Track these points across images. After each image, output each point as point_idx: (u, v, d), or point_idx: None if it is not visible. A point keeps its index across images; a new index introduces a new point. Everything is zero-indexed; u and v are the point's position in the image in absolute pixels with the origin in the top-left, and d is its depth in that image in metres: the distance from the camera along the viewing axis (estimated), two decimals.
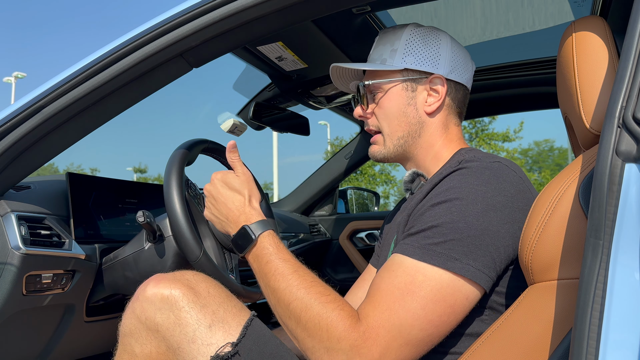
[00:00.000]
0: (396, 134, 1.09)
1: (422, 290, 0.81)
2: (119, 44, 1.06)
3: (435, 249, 0.83)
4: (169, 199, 1.19)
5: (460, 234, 0.83)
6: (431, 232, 0.85)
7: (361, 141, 2.56)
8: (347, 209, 3.09)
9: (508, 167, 0.92)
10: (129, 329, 0.95)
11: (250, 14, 1.00)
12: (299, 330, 0.85)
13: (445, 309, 0.81)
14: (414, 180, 1.09)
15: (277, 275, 0.90)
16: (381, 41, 1.12)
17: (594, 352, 0.62)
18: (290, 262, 0.92)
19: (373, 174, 19.32)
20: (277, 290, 0.89)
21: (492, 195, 0.86)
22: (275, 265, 0.91)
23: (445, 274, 0.81)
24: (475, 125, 18.07)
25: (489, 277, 0.84)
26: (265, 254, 0.94)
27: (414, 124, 1.08)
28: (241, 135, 1.75)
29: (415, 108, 1.08)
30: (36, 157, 1.15)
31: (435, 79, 1.06)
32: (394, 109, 1.08)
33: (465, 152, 1.03)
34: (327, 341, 0.81)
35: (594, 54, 0.79)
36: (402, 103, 1.08)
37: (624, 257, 0.63)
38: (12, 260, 1.12)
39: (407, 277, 0.82)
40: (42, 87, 1.09)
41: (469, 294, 0.83)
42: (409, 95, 1.08)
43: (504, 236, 0.84)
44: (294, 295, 0.86)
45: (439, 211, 0.86)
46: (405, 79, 1.08)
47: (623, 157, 0.63)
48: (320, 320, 0.82)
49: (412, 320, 0.80)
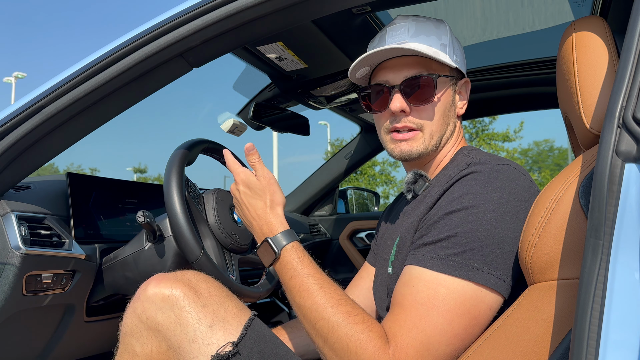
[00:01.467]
0: (438, 133, 1.04)
1: (446, 304, 0.80)
2: (119, 44, 1.06)
3: (455, 260, 0.82)
4: (169, 199, 1.19)
5: (480, 243, 0.82)
6: (449, 242, 0.83)
7: (361, 141, 2.56)
8: (347, 209, 3.09)
9: (517, 170, 0.91)
10: (130, 329, 0.95)
11: (250, 14, 1.00)
12: (326, 349, 0.84)
13: (470, 321, 0.80)
14: (416, 181, 1.06)
15: (302, 292, 0.88)
16: (422, 31, 1.03)
17: (594, 352, 0.62)
18: (316, 276, 0.90)
19: (373, 174, 19.31)
20: (302, 307, 0.88)
21: (508, 201, 0.85)
22: (299, 280, 0.90)
23: (467, 285, 0.81)
24: (476, 125, 18.05)
25: (508, 284, 0.83)
26: (289, 269, 0.92)
27: (451, 124, 1.07)
28: (241, 135, 1.75)
29: (454, 108, 1.08)
30: (36, 157, 1.15)
31: (466, 82, 1.08)
32: (442, 106, 1.04)
33: (468, 152, 1.02)
34: (351, 353, 0.80)
35: (594, 54, 0.79)
36: (449, 102, 1.06)
37: (624, 257, 0.63)
38: (12, 260, 1.12)
39: (430, 292, 0.81)
40: (42, 87, 1.09)
41: (491, 304, 0.82)
42: (453, 95, 1.07)
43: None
44: (320, 314, 0.85)
45: (456, 220, 0.85)
46: (453, 78, 1.06)
47: (623, 157, 0.63)
48: (348, 342, 0.81)
49: (440, 337, 0.79)
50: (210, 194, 1.36)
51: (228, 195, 1.41)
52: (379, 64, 1.07)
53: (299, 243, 0.96)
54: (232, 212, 1.38)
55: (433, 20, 1.07)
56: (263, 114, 1.86)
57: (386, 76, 1.04)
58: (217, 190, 1.38)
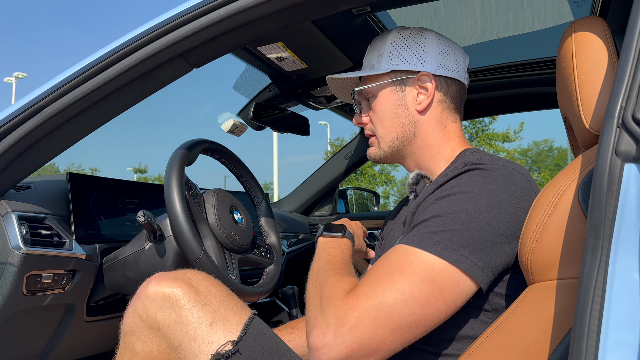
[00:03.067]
0: (390, 135, 1.11)
1: (412, 269, 0.80)
2: (119, 45, 1.06)
3: (433, 237, 0.83)
4: (169, 198, 1.19)
5: (461, 225, 0.83)
6: (432, 221, 0.85)
7: (361, 141, 2.56)
8: (347, 209, 3.09)
9: (515, 170, 0.92)
10: (130, 327, 0.96)
11: (250, 15, 1.00)
12: (309, 287, 0.92)
13: (433, 291, 0.79)
14: (418, 182, 1.08)
15: (331, 257, 0.99)
16: (371, 48, 1.16)
17: (594, 352, 0.62)
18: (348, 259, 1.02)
19: (373, 174, 19.31)
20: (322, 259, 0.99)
21: (498, 193, 0.86)
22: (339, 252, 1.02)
23: (439, 261, 0.81)
24: (476, 126, 18.06)
25: (484, 272, 0.83)
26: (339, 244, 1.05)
27: (406, 123, 1.09)
28: (241, 135, 1.75)
29: (406, 108, 1.09)
30: (37, 157, 1.15)
31: (422, 77, 1.07)
32: (386, 111, 1.11)
33: (470, 154, 1.03)
34: (319, 299, 0.85)
35: (594, 54, 0.79)
36: (392, 104, 1.10)
37: (623, 257, 0.63)
38: (13, 260, 1.12)
39: (400, 258, 0.83)
40: (43, 87, 1.09)
41: (460, 283, 0.81)
42: (399, 96, 1.10)
43: (504, 234, 0.84)
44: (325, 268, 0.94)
45: (443, 203, 0.87)
46: (393, 80, 1.09)
47: (622, 157, 0.64)
48: (327, 282, 0.88)
49: (396, 294, 0.78)
50: (210, 194, 1.36)
51: (228, 195, 1.41)
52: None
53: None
54: (232, 212, 1.38)
55: (387, 32, 1.14)
56: (263, 114, 1.86)
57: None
58: (217, 190, 1.38)
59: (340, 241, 1.06)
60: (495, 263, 0.84)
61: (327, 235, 1.08)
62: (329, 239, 1.07)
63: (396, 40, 1.10)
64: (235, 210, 1.40)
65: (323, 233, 1.09)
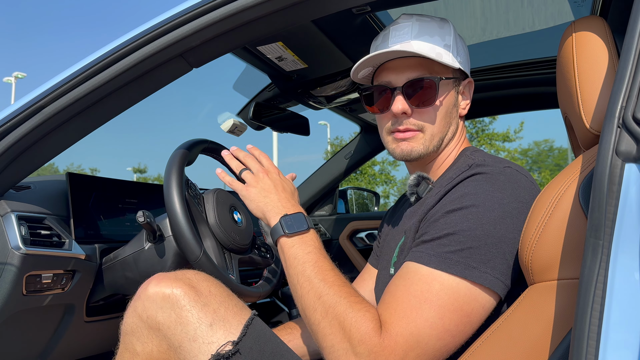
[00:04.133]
0: (439, 135, 1.04)
1: (440, 299, 0.80)
2: (119, 44, 1.06)
3: (453, 257, 0.82)
4: (169, 199, 1.19)
5: (478, 242, 0.82)
6: (447, 239, 0.84)
7: (361, 141, 2.56)
8: (347, 209, 3.09)
9: (519, 173, 0.92)
10: (130, 328, 0.96)
11: (250, 15, 1.00)
12: (322, 324, 0.84)
13: (462, 318, 0.80)
14: (419, 184, 1.06)
15: (316, 267, 0.90)
16: (425, 31, 1.03)
17: (594, 352, 0.62)
18: (328, 260, 0.93)
19: (373, 174, 19.31)
20: (310, 279, 0.89)
21: (508, 202, 0.86)
22: (317, 256, 0.92)
23: (462, 283, 0.81)
24: (476, 125, 18.06)
25: (505, 284, 0.83)
26: (310, 244, 0.94)
27: (453, 125, 1.07)
28: (241, 135, 1.75)
29: (457, 109, 1.08)
30: (36, 157, 1.15)
31: (469, 82, 1.08)
32: (443, 110, 1.04)
33: (471, 154, 1.02)
34: (347, 341, 0.80)
35: (594, 54, 0.79)
36: (451, 103, 1.06)
37: (623, 257, 0.63)
38: (12, 260, 1.12)
39: (424, 285, 0.81)
40: (42, 87, 1.09)
41: (485, 303, 0.82)
42: (456, 96, 1.07)
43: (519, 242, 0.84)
44: (325, 291, 0.86)
45: (455, 218, 0.85)
46: (456, 79, 1.07)
47: (623, 157, 0.63)
48: (345, 319, 0.81)
49: (430, 330, 0.79)
50: (210, 194, 1.36)
51: (228, 195, 1.41)
52: (381, 64, 1.07)
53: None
54: (232, 212, 1.38)
55: (437, 19, 1.06)
56: (263, 114, 1.85)
57: (388, 77, 1.04)
58: (217, 190, 1.38)
59: (310, 237, 0.95)
60: (514, 272, 0.84)
61: (293, 234, 0.95)
62: (297, 240, 0.95)
63: (457, 36, 1.06)
64: (235, 210, 1.40)
65: (285, 232, 0.95)
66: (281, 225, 0.96)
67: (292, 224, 0.96)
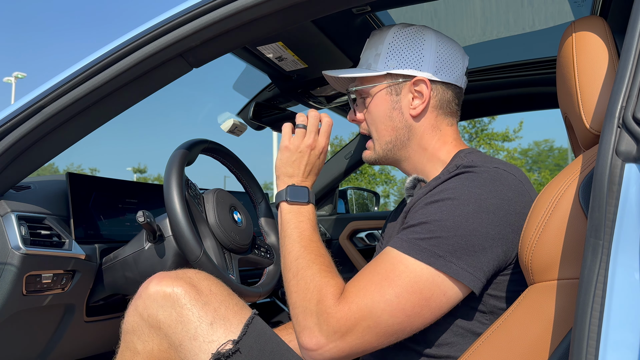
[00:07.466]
0: (384, 139, 1.10)
1: (400, 279, 0.83)
2: (119, 44, 1.06)
3: (421, 244, 0.84)
4: (169, 199, 1.19)
5: (447, 232, 0.84)
6: (420, 227, 0.87)
7: (361, 141, 2.55)
8: (347, 209, 3.08)
9: (506, 171, 0.91)
10: (131, 326, 0.96)
11: (250, 14, 1.00)
12: (292, 282, 0.92)
13: (420, 301, 0.83)
14: (415, 186, 1.08)
15: (303, 235, 0.98)
16: (368, 45, 1.13)
17: (594, 352, 0.62)
18: (316, 233, 1.01)
19: (373, 174, 19.33)
20: (294, 242, 0.98)
21: (486, 198, 0.86)
22: (307, 225, 1.00)
23: (426, 269, 0.83)
24: (475, 125, 18.08)
25: (475, 276, 0.84)
26: (305, 215, 1.02)
27: (400, 128, 1.08)
28: (241, 135, 1.75)
29: (400, 112, 1.07)
30: (36, 157, 1.15)
31: (418, 82, 1.04)
32: (380, 114, 1.09)
33: (464, 156, 1.02)
34: (308, 301, 0.87)
35: (594, 54, 0.79)
36: (387, 107, 1.08)
37: (624, 257, 0.63)
38: (12, 260, 1.12)
39: (389, 266, 0.85)
40: (42, 87, 1.09)
41: (447, 291, 0.84)
42: (394, 100, 1.07)
43: (494, 238, 0.85)
44: (302, 255, 0.94)
45: (431, 209, 0.88)
46: (389, 83, 1.07)
47: (623, 157, 0.64)
48: (311, 280, 0.89)
49: (384, 305, 0.82)
50: (210, 194, 1.36)
51: (228, 195, 1.41)
52: None
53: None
54: (232, 212, 1.38)
55: (386, 27, 1.11)
56: (263, 114, 1.85)
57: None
58: (217, 190, 1.38)
59: (307, 210, 1.04)
60: (487, 266, 0.85)
61: (293, 202, 1.04)
62: (295, 208, 1.03)
63: (394, 40, 1.07)
64: (235, 210, 1.40)
65: (287, 199, 1.04)
66: (286, 192, 1.05)
67: (295, 193, 1.04)
